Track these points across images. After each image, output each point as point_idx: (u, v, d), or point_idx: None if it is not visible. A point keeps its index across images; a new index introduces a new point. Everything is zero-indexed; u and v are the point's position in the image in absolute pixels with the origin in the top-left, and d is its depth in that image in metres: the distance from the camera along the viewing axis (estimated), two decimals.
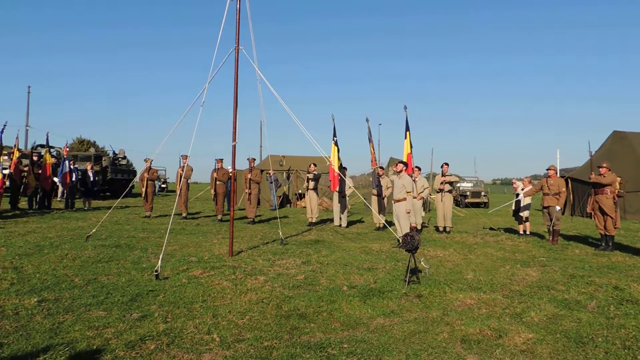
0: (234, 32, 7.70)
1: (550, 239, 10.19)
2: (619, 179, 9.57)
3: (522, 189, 11.90)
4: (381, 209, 12.04)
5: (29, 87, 39.03)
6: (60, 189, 16.80)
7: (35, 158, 15.17)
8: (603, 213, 9.30)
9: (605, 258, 8.29)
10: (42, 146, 20.67)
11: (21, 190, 14.70)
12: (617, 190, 9.32)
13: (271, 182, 17.85)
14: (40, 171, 14.71)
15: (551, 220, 10.15)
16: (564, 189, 10.39)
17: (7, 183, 14.42)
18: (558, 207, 10.17)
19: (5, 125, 13.30)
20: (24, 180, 14.54)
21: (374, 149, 12.47)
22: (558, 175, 11.55)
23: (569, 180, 17.31)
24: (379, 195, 12.11)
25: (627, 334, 4.20)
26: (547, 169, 10.56)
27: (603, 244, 9.33)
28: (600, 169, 9.35)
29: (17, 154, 14.48)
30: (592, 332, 4.23)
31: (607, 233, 9.28)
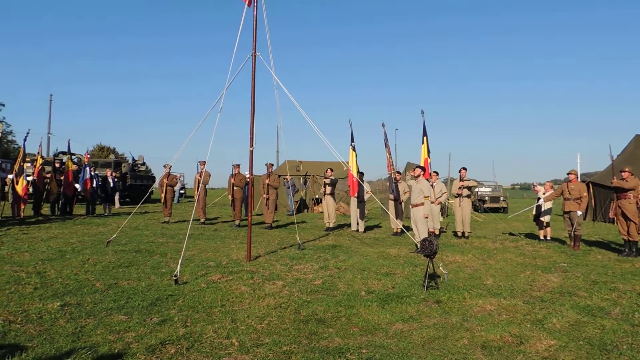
0: (250, 38, 7.77)
1: (572, 244, 10.02)
2: None
3: (544, 193, 11.73)
4: (399, 214, 11.98)
5: (51, 95, 39.69)
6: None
7: (57, 165, 15.47)
8: (626, 218, 9.12)
9: (628, 264, 8.12)
10: (63, 153, 21.14)
11: (44, 197, 15.02)
12: None
13: (288, 188, 17.89)
14: (62, 178, 15.01)
15: (572, 225, 9.99)
16: (585, 194, 10.21)
17: (31, 189, 14.77)
18: (579, 212, 10.00)
19: (28, 133, 13.65)
20: (46, 187, 14.86)
21: (390, 154, 12.43)
22: (579, 179, 11.37)
23: (590, 185, 16.99)
24: (397, 200, 12.07)
25: None
26: (568, 174, 10.40)
27: (626, 250, 9.14)
28: (623, 174, 9.18)
29: (40, 161, 14.83)
30: (617, 339, 4.15)
31: (630, 238, 9.09)
